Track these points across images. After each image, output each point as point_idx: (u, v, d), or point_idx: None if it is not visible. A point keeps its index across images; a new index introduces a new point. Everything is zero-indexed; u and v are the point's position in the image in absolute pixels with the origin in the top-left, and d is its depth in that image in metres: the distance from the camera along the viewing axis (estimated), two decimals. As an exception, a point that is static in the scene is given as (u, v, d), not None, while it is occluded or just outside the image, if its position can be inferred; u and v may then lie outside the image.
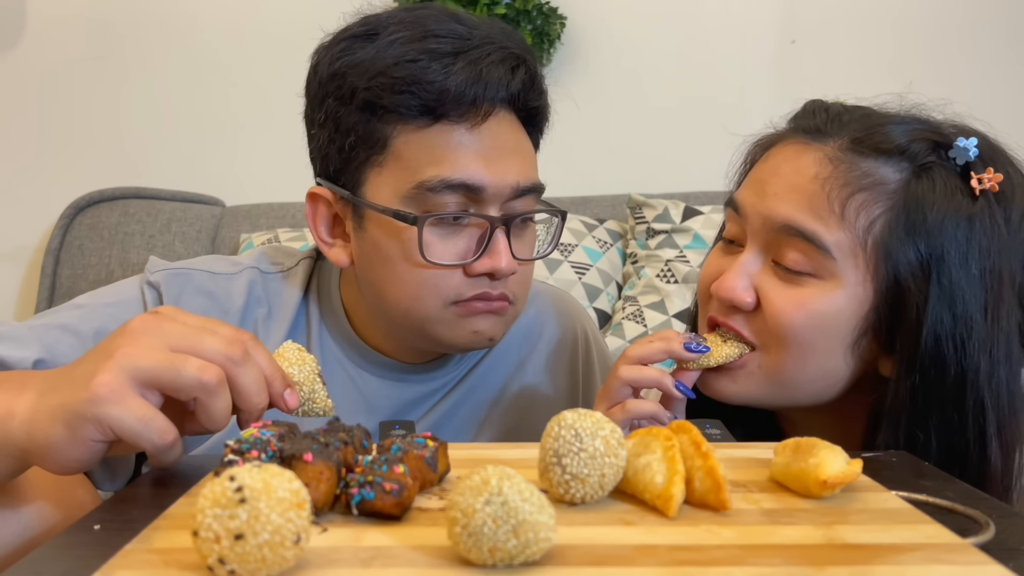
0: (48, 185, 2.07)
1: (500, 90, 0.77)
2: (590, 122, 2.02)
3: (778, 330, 0.71)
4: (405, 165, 0.77)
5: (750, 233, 0.74)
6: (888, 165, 0.69)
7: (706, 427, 0.66)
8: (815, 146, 0.72)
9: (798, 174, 0.71)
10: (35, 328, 0.78)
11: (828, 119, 0.74)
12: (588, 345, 1.00)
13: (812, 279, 0.70)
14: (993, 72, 1.98)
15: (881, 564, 0.40)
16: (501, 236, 0.78)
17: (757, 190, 0.74)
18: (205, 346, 0.55)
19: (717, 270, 0.76)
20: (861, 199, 0.68)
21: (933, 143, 0.70)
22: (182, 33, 2.08)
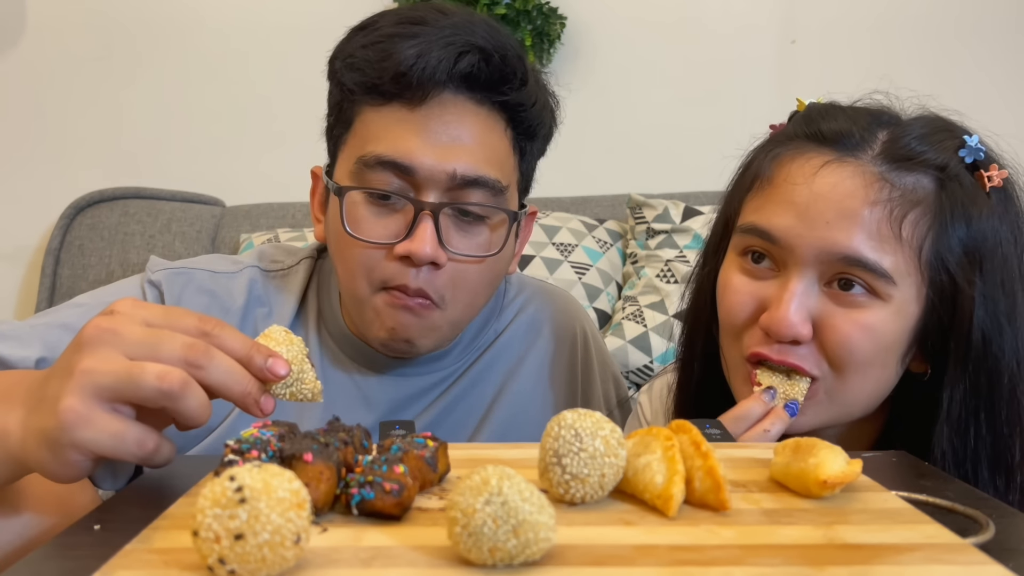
0: (48, 185, 2.07)
1: (439, 72, 0.77)
2: (590, 122, 2.02)
3: (846, 358, 0.68)
4: (358, 142, 0.81)
5: (797, 261, 0.68)
6: (924, 175, 0.69)
7: (706, 427, 0.66)
8: (852, 163, 0.68)
9: (850, 198, 0.66)
10: (36, 327, 0.79)
11: (852, 128, 0.70)
12: (587, 344, 1.00)
13: (872, 299, 0.68)
14: (993, 72, 1.98)
15: (881, 564, 0.40)
16: (426, 221, 0.78)
17: (801, 217, 0.68)
18: (163, 351, 0.52)
19: (751, 298, 0.71)
20: (913, 218, 0.67)
21: (951, 147, 0.70)
22: (182, 33, 2.08)
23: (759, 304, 0.71)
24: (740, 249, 0.73)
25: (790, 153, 0.72)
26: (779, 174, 0.71)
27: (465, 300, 0.83)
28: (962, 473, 0.69)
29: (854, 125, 0.70)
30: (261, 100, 2.06)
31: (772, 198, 0.71)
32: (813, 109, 0.75)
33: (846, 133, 0.70)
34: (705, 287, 0.79)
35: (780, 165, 0.72)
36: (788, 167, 0.71)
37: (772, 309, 0.69)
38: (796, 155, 0.71)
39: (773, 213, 0.70)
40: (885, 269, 0.66)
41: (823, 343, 0.69)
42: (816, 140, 0.71)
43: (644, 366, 1.70)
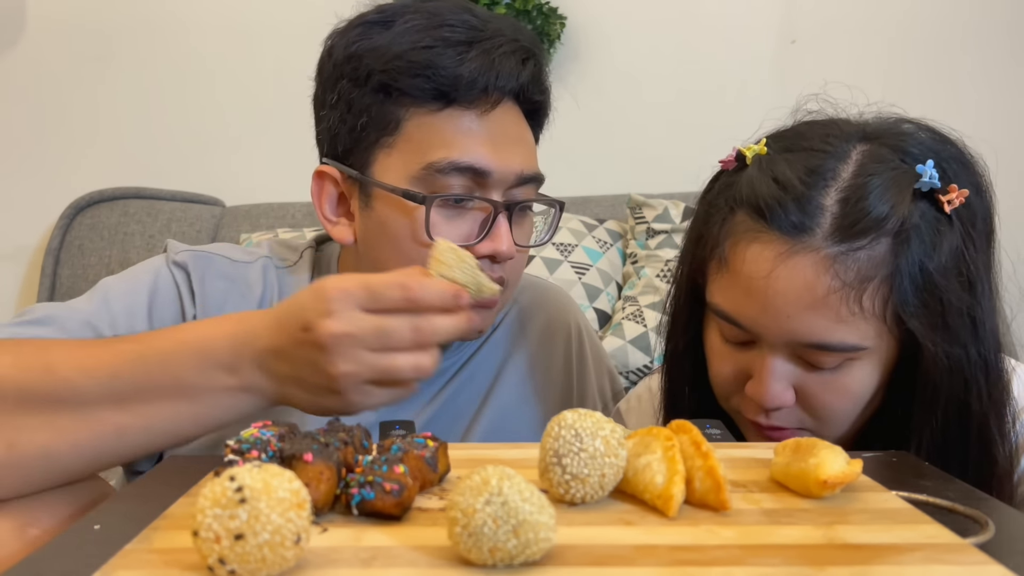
0: (48, 185, 2.07)
1: (510, 80, 0.81)
2: (590, 122, 2.02)
3: (829, 416, 0.72)
4: (415, 147, 0.81)
5: (770, 344, 0.70)
6: (878, 240, 0.67)
7: (706, 427, 0.66)
8: (803, 253, 0.67)
9: (808, 291, 0.66)
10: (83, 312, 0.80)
11: (799, 213, 0.67)
12: (581, 337, 1.02)
13: (848, 363, 0.70)
14: (994, 73, 1.98)
15: (881, 564, 0.40)
16: (503, 220, 0.81)
17: (763, 312, 0.68)
18: (396, 340, 0.62)
19: (736, 367, 0.73)
20: (871, 289, 0.67)
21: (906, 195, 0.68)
22: (182, 33, 2.08)
23: (743, 372, 0.73)
24: (716, 320, 0.75)
25: (743, 237, 0.70)
26: (735, 260, 0.71)
27: (517, 280, 0.89)
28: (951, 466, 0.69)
29: (798, 197, 0.68)
30: (261, 100, 2.06)
31: (734, 286, 0.71)
32: (756, 168, 0.72)
33: (790, 211, 0.68)
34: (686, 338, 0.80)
35: (735, 250, 0.71)
36: (743, 255, 0.70)
37: (755, 382, 0.71)
38: (749, 240, 0.70)
39: (736, 303, 0.71)
40: (853, 344, 0.68)
41: (806, 407, 0.72)
42: (762, 218, 0.69)
43: (644, 366, 1.70)
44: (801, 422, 0.72)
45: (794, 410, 0.72)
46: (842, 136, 0.72)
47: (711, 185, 0.80)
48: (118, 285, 0.84)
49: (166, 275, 0.86)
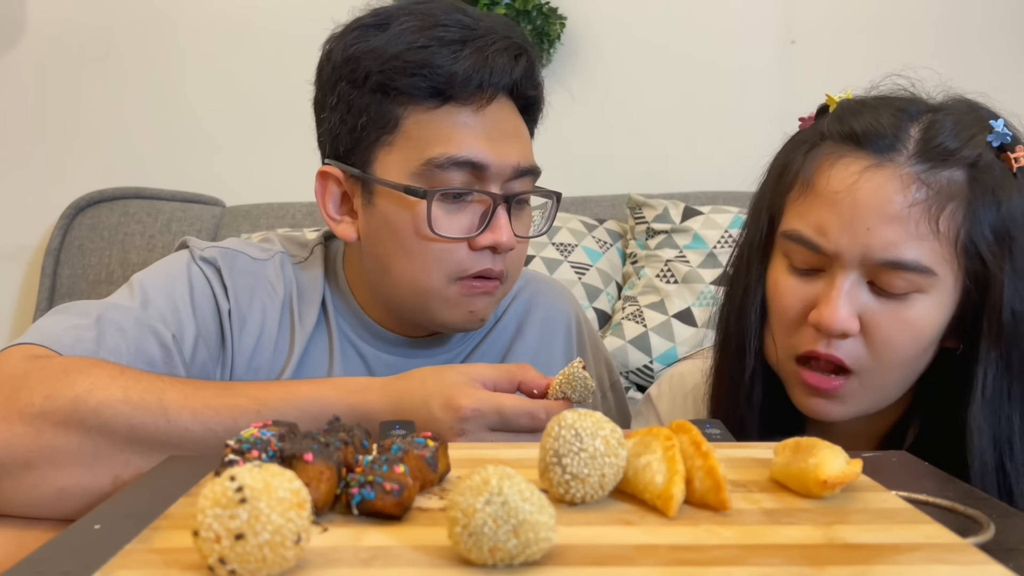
0: (48, 185, 2.07)
1: (504, 76, 0.83)
2: (590, 122, 2.02)
3: (890, 353, 0.72)
4: (415, 144, 0.83)
5: (842, 264, 0.71)
6: (956, 168, 0.71)
7: (706, 427, 0.66)
8: (888, 167, 0.71)
9: (889, 203, 0.69)
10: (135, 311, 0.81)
11: (885, 129, 0.72)
12: (580, 328, 1.04)
13: (915, 295, 0.71)
14: (996, 73, 1.98)
15: (881, 564, 0.40)
16: (503, 212, 0.84)
17: (844, 225, 0.71)
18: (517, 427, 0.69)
19: (801, 299, 0.74)
20: (948, 212, 0.70)
21: (981, 138, 0.73)
22: (183, 33, 2.08)
23: (808, 303, 0.74)
24: (786, 251, 0.76)
25: (828, 157, 0.74)
26: (819, 180, 0.74)
27: (517, 271, 0.91)
28: (997, 449, 0.72)
29: (886, 125, 0.73)
30: (261, 100, 2.06)
31: (814, 205, 0.73)
32: (844, 107, 0.77)
33: (879, 134, 0.72)
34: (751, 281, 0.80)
35: (820, 170, 0.74)
36: (827, 173, 0.73)
37: (821, 306, 0.72)
38: (835, 159, 0.73)
39: (817, 221, 0.73)
40: (926, 265, 0.70)
41: (868, 339, 0.72)
42: (851, 141, 0.73)
43: (644, 366, 1.70)
44: (858, 359, 0.72)
45: (855, 343, 0.72)
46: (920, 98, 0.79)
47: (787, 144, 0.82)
48: (156, 283, 0.85)
49: (197, 272, 0.88)
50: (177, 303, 0.84)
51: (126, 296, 0.84)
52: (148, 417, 0.68)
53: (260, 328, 0.88)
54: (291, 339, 0.89)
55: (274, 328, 0.89)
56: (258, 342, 0.88)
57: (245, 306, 0.88)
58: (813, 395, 0.75)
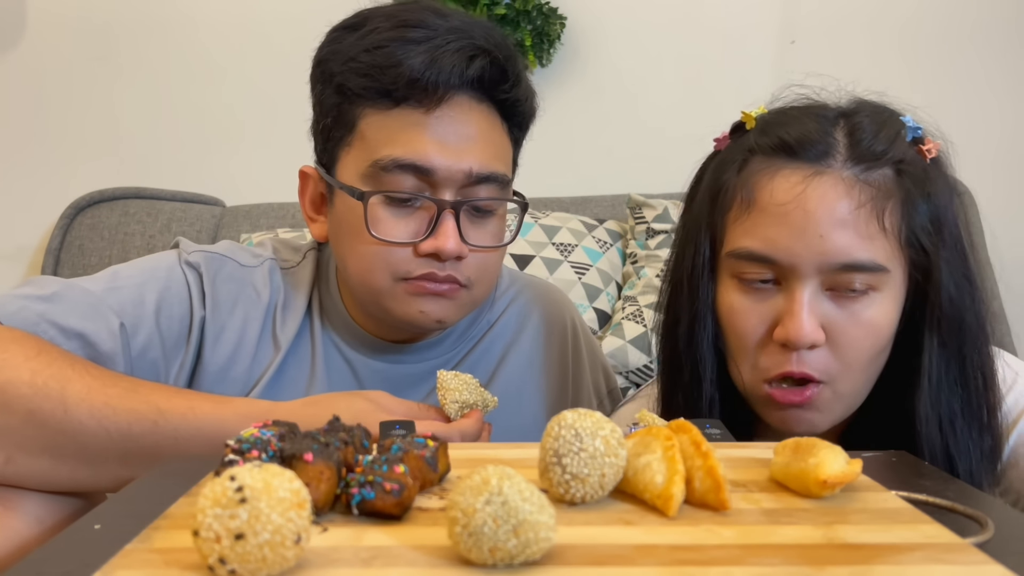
0: (48, 185, 2.07)
1: (453, 76, 0.80)
2: (590, 122, 2.02)
3: (856, 356, 0.73)
4: (367, 145, 0.82)
5: (799, 275, 0.72)
6: (886, 168, 0.73)
7: (706, 427, 0.66)
8: (828, 173, 0.72)
9: (837, 208, 0.71)
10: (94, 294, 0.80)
11: (813, 136, 0.73)
12: (576, 334, 1.03)
13: (870, 294, 0.72)
14: (997, 72, 1.98)
15: (881, 564, 0.40)
16: (449, 219, 0.82)
17: (797, 236, 0.71)
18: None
19: (761, 318, 0.74)
20: (890, 208, 0.72)
21: (900, 135, 0.75)
22: (182, 33, 2.08)
23: (769, 321, 0.74)
24: (736, 272, 0.75)
25: (764, 172, 0.74)
26: (761, 195, 0.73)
27: (487, 281, 0.89)
28: (943, 434, 0.73)
29: (814, 132, 0.74)
30: (261, 100, 2.06)
31: (760, 220, 0.73)
32: (766, 121, 0.78)
33: (811, 142, 0.73)
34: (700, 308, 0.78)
35: (760, 185, 0.74)
36: (768, 187, 0.73)
37: (786, 321, 0.72)
38: (772, 173, 0.74)
39: (766, 235, 0.73)
40: (880, 263, 0.71)
41: (834, 346, 0.72)
42: (784, 152, 0.74)
43: (644, 366, 1.70)
44: (827, 369, 0.73)
45: (822, 353, 0.72)
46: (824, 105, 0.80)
47: (705, 165, 0.83)
48: (131, 275, 0.85)
49: (179, 274, 0.87)
50: (144, 298, 0.83)
51: (98, 280, 0.84)
52: (47, 404, 0.68)
53: (239, 336, 0.87)
54: (274, 345, 0.89)
55: (255, 335, 0.88)
56: (236, 350, 0.87)
57: (225, 313, 0.87)
58: (788, 410, 0.74)
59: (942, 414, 0.73)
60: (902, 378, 0.75)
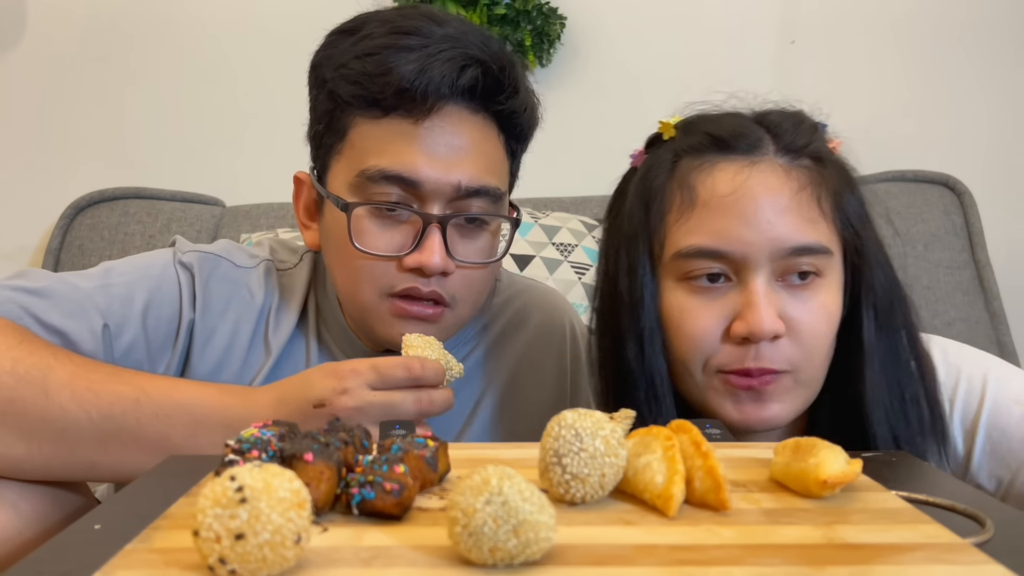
0: (48, 185, 2.07)
1: (443, 86, 0.78)
2: (590, 122, 2.02)
3: (814, 343, 0.73)
4: (356, 155, 0.81)
5: (751, 266, 0.71)
6: (812, 160, 0.75)
7: (706, 427, 0.66)
8: (763, 161, 0.73)
9: (780, 195, 0.72)
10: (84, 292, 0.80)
11: (742, 130, 0.75)
12: (576, 338, 1.02)
13: (818, 280, 0.73)
14: (994, 72, 1.98)
15: (881, 564, 0.40)
16: (434, 233, 0.79)
17: (745, 225, 0.71)
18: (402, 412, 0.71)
19: (717, 316, 0.72)
20: (825, 195, 0.74)
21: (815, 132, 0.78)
22: (182, 33, 2.08)
23: (725, 319, 0.72)
24: (683, 274, 0.74)
25: (700, 169, 0.74)
26: (702, 191, 0.73)
27: (472, 300, 0.86)
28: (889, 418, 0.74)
29: (740, 126, 0.75)
30: (261, 100, 2.06)
31: (705, 216, 0.72)
32: (688, 124, 0.79)
33: (742, 135, 0.75)
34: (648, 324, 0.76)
35: (699, 182, 0.74)
36: (708, 182, 0.73)
37: (745, 314, 0.71)
38: (709, 168, 0.74)
39: (713, 229, 0.72)
40: (825, 245, 0.73)
41: (793, 334, 0.72)
42: (716, 147, 0.75)
43: (644, 366, 1.70)
44: (788, 359, 0.72)
45: (783, 344, 0.72)
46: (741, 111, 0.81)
47: (624, 183, 0.83)
48: (123, 272, 0.85)
49: (171, 274, 0.86)
50: (133, 297, 0.82)
51: (90, 276, 0.83)
52: (28, 391, 0.68)
53: (230, 339, 0.86)
54: (265, 349, 0.88)
55: (246, 338, 0.87)
56: (226, 353, 0.86)
57: (217, 315, 0.86)
58: (749, 402, 0.73)
59: (888, 396, 0.74)
60: (846, 366, 0.76)
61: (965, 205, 1.84)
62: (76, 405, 0.69)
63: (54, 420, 0.69)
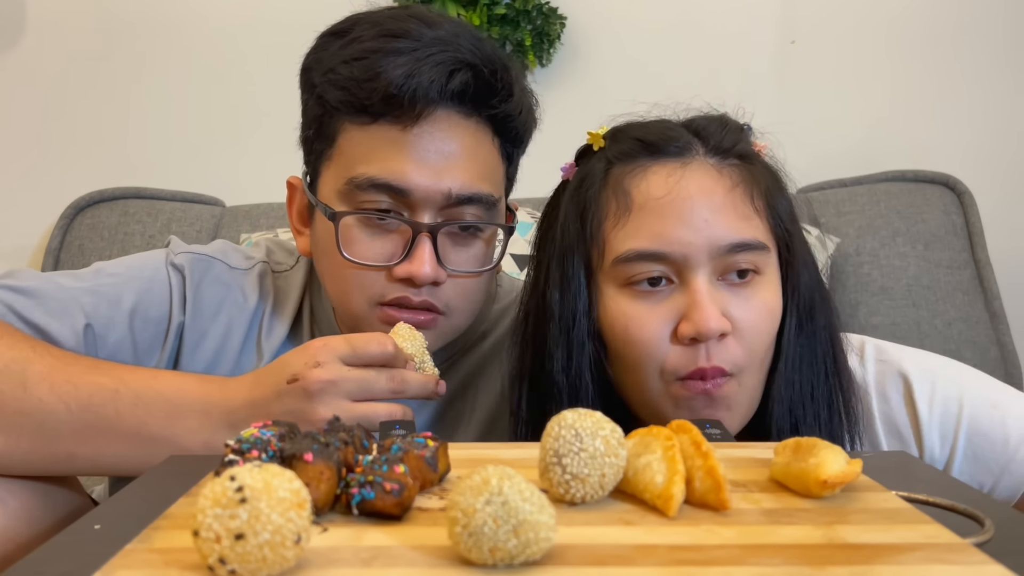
0: (48, 185, 2.07)
1: (432, 90, 0.76)
2: (589, 122, 2.01)
3: (758, 341, 0.73)
4: (345, 161, 0.79)
5: (692, 266, 0.71)
6: (740, 160, 0.76)
7: (706, 427, 0.66)
8: (695, 161, 0.74)
9: (714, 193, 0.73)
10: (70, 291, 0.80)
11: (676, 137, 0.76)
12: None
13: (757, 278, 0.73)
14: (993, 72, 1.98)
15: (881, 564, 0.40)
16: (424, 242, 0.77)
17: (683, 224, 0.70)
18: (376, 390, 0.70)
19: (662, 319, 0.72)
20: (757, 192, 0.75)
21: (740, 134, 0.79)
22: (182, 33, 2.08)
23: (671, 321, 0.72)
24: (625, 280, 0.73)
25: (633, 174, 0.75)
26: (637, 195, 0.73)
27: (468, 308, 0.85)
28: (793, 416, 0.75)
29: (669, 131, 0.77)
30: (261, 100, 2.06)
31: (642, 219, 0.72)
32: (616, 133, 0.80)
33: (671, 139, 0.76)
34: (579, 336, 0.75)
35: (633, 186, 0.74)
36: (642, 186, 0.73)
37: (691, 315, 0.70)
38: (643, 173, 0.74)
39: (652, 231, 0.72)
40: (763, 241, 0.73)
41: (738, 333, 0.72)
42: (647, 151, 0.75)
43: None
44: (735, 359, 0.72)
45: (729, 344, 0.72)
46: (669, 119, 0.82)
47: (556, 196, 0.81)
48: (113, 273, 0.84)
49: (162, 276, 0.86)
50: (121, 299, 0.82)
51: (81, 276, 0.83)
52: (7, 385, 0.68)
53: (221, 342, 0.86)
54: (257, 352, 0.87)
55: (238, 341, 0.87)
56: (216, 357, 0.86)
57: (208, 317, 0.86)
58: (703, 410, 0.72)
59: (794, 395, 0.75)
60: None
61: (965, 205, 1.84)
62: (55, 397, 0.69)
63: (32, 413, 0.69)
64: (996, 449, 0.75)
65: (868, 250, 1.76)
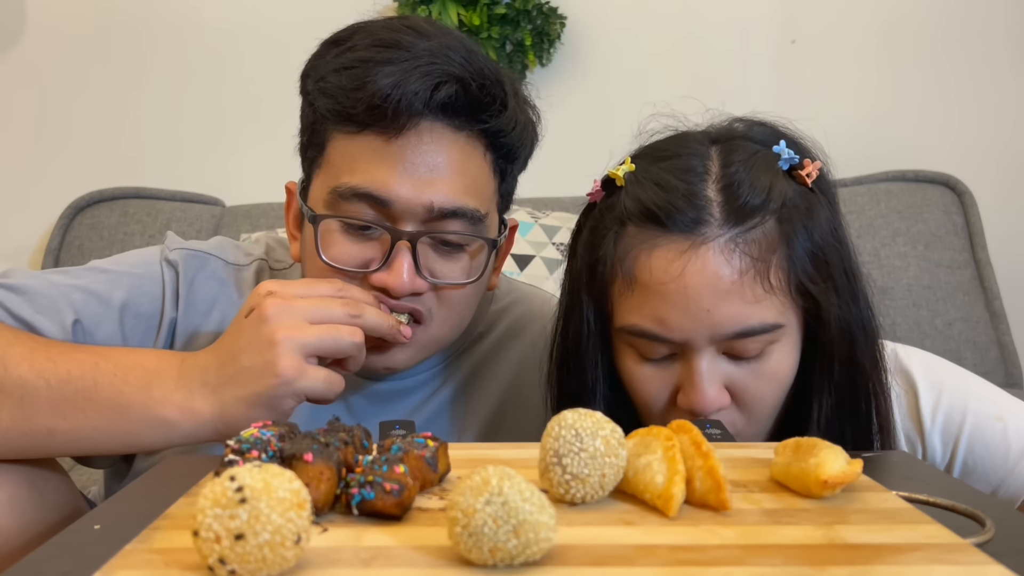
0: (48, 185, 2.07)
1: (417, 102, 0.74)
2: (590, 122, 2.02)
3: (761, 407, 0.73)
4: (332, 170, 0.79)
5: (693, 347, 0.70)
6: (767, 220, 0.70)
7: (706, 427, 0.66)
8: (705, 244, 0.68)
9: (720, 280, 0.68)
10: (60, 288, 0.80)
11: (685, 202, 0.70)
12: None
13: (769, 348, 0.71)
14: (994, 72, 1.98)
15: (881, 564, 0.40)
16: (404, 252, 0.77)
17: (683, 313, 0.69)
18: (333, 313, 0.70)
19: (664, 384, 0.73)
20: (775, 264, 0.69)
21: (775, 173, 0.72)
22: (182, 33, 2.08)
23: (672, 386, 0.73)
24: (630, 344, 0.74)
25: (641, 247, 0.71)
26: (641, 273, 0.70)
27: (450, 320, 0.83)
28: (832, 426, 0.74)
29: (683, 195, 0.70)
30: (261, 100, 2.06)
31: (646, 299, 0.70)
32: (633, 184, 0.74)
33: (681, 211, 0.69)
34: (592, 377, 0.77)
35: (638, 263, 0.71)
36: (647, 265, 0.70)
37: (688, 391, 0.71)
38: (649, 249, 0.70)
39: (654, 314, 0.70)
40: (773, 322, 0.69)
41: (740, 402, 0.72)
42: (655, 223, 0.70)
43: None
44: (733, 424, 0.72)
45: (729, 412, 0.72)
46: (694, 140, 0.77)
47: (583, 219, 0.80)
48: (106, 270, 0.84)
49: (155, 272, 0.86)
50: (112, 295, 0.81)
51: (74, 273, 0.83)
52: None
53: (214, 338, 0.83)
54: None
55: None
56: None
57: (201, 314, 0.85)
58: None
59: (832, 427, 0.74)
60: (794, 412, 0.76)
61: (965, 205, 1.84)
62: (34, 374, 0.69)
63: (12, 390, 0.69)
64: (996, 461, 0.75)
65: (868, 250, 1.76)
